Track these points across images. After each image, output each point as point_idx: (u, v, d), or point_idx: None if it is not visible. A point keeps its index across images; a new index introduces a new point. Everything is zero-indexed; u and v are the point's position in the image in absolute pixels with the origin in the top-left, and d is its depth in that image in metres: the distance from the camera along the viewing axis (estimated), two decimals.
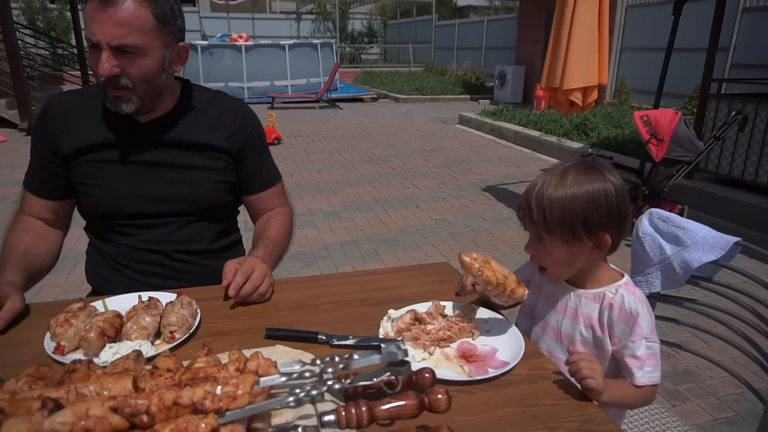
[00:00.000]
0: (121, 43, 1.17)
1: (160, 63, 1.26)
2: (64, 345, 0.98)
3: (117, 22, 1.16)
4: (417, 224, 4.55)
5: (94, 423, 0.60)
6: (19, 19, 17.57)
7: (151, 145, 1.36)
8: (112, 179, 1.34)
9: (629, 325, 1.07)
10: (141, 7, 1.18)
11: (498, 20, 15.97)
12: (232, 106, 1.46)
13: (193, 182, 1.39)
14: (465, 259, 1.05)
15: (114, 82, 1.21)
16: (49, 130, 1.34)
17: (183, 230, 1.41)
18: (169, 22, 1.24)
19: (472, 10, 28.17)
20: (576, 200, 1.04)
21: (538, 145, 7.41)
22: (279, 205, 1.55)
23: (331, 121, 10.40)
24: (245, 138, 1.44)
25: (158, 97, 1.32)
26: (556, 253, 1.09)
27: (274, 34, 18.34)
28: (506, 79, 12.41)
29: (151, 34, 1.21)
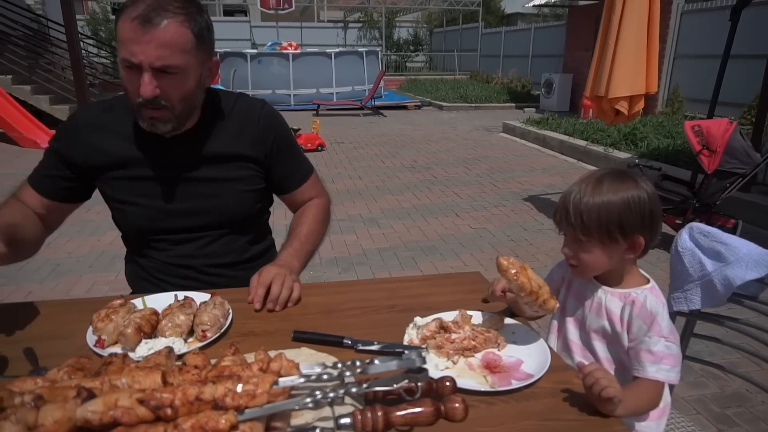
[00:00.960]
0: (165, 64, 1.16)
1: (197, 80, 1.25)
2: (104, 339, 1.04)
3: (160, 44, 1.14)
4: (456, 233, 4.52)
5: (122, 413, 0.64)
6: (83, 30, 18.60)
7: (177, 160, 1.35)
8: (141, 196, 1.35)
9: (647, 323, 1.10)
10: (182, 26, 1.16)
11: (546, 28, 15.71)
12: (254, 110, 1.43)
13: (221, 195, 1.39)
14: (502, 262, 1.07)
15: (153, 103, 1.20)
16: (75, 143, 1.33)
17: (214, 244, 1.43)
18: (206, 38, 1.24)
19: (519, 18, 27.84)
20: (612, 205, 1.09)
21: (583, 154, 7.24)
22: (315, 196, 1.57)
23: (374, 128, 10.48)
24: (271, 141, 1.43)
25: (193, 113, 1.32)
26: (593, 253, 1.12)
27: (321, 42, 18.68)
28: (553, 87, 12.19)
29: (191, 54, 1.20)
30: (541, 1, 13.64)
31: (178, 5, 1.17)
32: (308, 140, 7.88)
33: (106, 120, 1.35)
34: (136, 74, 1.17)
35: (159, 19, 1.13)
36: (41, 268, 3.65)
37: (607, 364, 1.19)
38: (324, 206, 1.57)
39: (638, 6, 4.27)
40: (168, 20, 1.14)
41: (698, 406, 2.28)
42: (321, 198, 1.58)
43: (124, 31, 1.15)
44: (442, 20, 25.68)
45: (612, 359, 1.18)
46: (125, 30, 1.14)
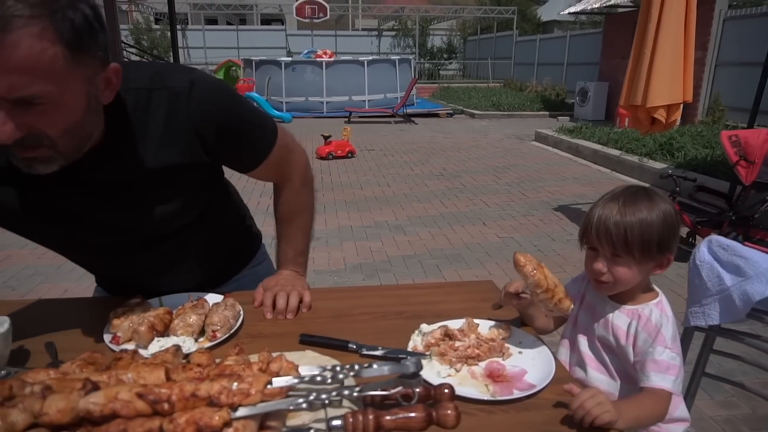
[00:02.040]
0: (23, 95, 0.80)
1: (83, 107, 0.89)
2: (119, 336, 1.08)
3: (10, 69, 0.77)
4: (482, 241, 4.49)
5: (121, 406, 0.67)
6: (127, 39, 19.30)
7: (81, 192, 1.04)
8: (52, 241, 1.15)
9: (652, 336, 1.10)
10: (42, 39, 0.78)
11: (581, 35, 15.50)
12: (180, 101, 1.02)
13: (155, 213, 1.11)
14: (519, 258, 1.07)
15: (22, 144, 0.85)
16: None
17: (174, 252, 1.24)
18: (86, 44, 0.84)
19: (556, 25, 27.51)
20: (653, 223, 1.10)
21: (617, 164, 7.09)
22: (285, 168, 1.27)
23: (405, 135, 10.52)
24: (213, 134, 1.06)
25: (86, 141, 0.95)
26: (629, 269, 1.12)
27: (355, 50, 18.90)
28: (588, 95, 11.99)
29: (63, 73, 0.82)
30: (576, 9, 13.45)
31: (25, 4, 0.76)
32: (339, 147, 7.96)
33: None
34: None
35: (2, 33, 0.75)
36: (76, 267, 3.79)
37: (618, 376, 1.18)
38: (298, 184, 1.30)
39: (676, 13, 4.18)
40: (15, 34, 0.75)
41: (727, 427, 2.20)
42: (294, 171, 1.29)
43: None
44: (476, 28, 25.62)
45: (619, 371, 1.18)
46: None
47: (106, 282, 1.40)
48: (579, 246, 1.21)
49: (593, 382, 1.20)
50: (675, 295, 3.08)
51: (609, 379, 1.19)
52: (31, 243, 1.20)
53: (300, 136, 9.39)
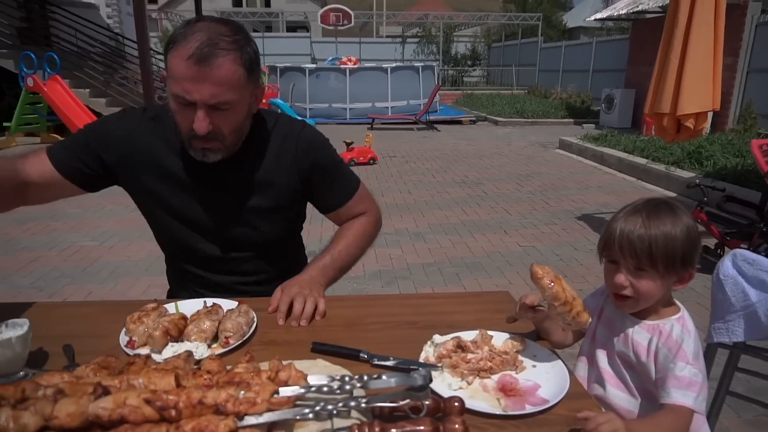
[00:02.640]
0: (219, 101, 1.18)
1: (246, 110, 1.28)
2: (135, 340, 1.09)
3: (215, 83, 1.16)
4: (503, 250, 4.44)
5: (129, 411, 0.68)
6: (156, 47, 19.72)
7: (218, 185, 1.37)
8: (177, 213, 1.38)
9: (673, 351, 1.07)
10: (234, 63, 1.18)
11: (608, 41, 15.29)
12: (292, 134, 1.41)
13: (256, 223, 1.41)
14: (537, 270, 1.05)
15: (205, 137, 1.22)
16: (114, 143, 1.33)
17: (244, 265, 1.46)
18: (254, 69, 1.25)
19: (582, 32, 27.24)
20: (676, 237, 1.08)
21: (643, 173, 6.95)
22: (361, 212, 1.53)
23: (427, 142, 10.50)
24: (309, 165, 1.41)
25: (240, 141, 1.33)
26: (650, 284, 1.10)
27: (378, 57, 18.98)
28: (614, 102, 11.81)
29: (242, 88, 1.22)
30: (603, 15, 13.29)
31: (229, 40, 1.17)
32: (360, 153, 7.99)
33: (152, 128, 1.36)
34: (189, 110, 1.19)
35: (213, 58, 1.14)
36: (102, 270, 3.89)
37: (638, 393, 1.15)
38: (369, 222, 1.54)
39: (705, 19, 4.08)
40: (221, 58, 1.15)
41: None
42: (368, 214, 1.55)
43: (178, 69, 1.15)
44: (500, 35, 25.51)
45: (639, 389, 1.14)
46: (179, 67, 1.15)
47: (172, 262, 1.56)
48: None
49: (612, 399, 1.17)
50: (702, 308, 2.99)
51: (629, 396, 1.16)
52: (58, 245, 1.28)
53: None
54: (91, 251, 4.24)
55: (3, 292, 3.51)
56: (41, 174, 1.31)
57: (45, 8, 11.95)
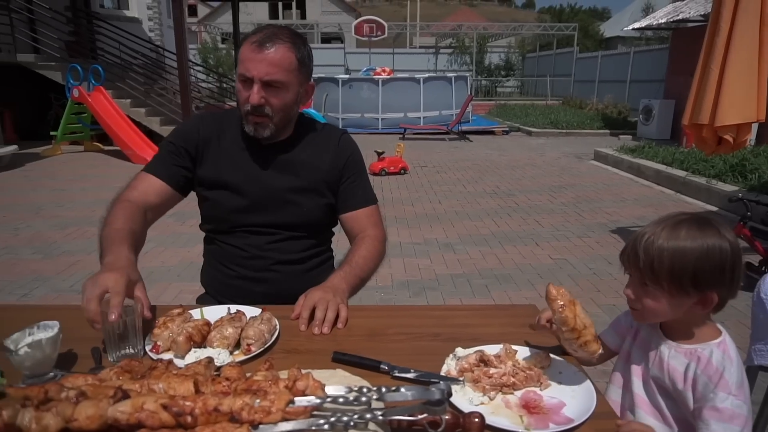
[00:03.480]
0: (272, 78, 1.41)
1: (295, 97, 1.49)
2: (159, 345, 1.11)
3: (270, 62, 1.40)
4: (534, 262, 4.36)
5: (146, 416, 0.68)
6: (194, 58, 20.31)
7: (268, 164, 1.56)
8: (233, 187, 1.54)
9: (713, 380, 1.00)
10: (289, 51, 1.42)
11: (646, 51, 14.97)
12: (336, 134, 1.66)
13: (299, 200, 1.57)
14: (551, 291, 1.04)
15: (258, 111, 1.43)
16: (191, 138, 1.55)
17: (283, 243, 1.58)
18: (306, 64, 1.48)
19: (620, 41, 26.77)
20: (688, 254, 1.00)
21: (682, 186, 6.73)
22: (372, 226, 1.63)
23: (458, 152, 10.45)
24: (345, 160, 1.62)
25: (288, 125, 1.55)
26: (657, 301, 1.04)
27: (412, 68, 19.04)
28: (652, 113, 11.52)
29: (293, 73, 1.44)
30: (642, 24, 13.02)
31: (287, 36, 1.44)
32: (391, 163, 8.00)
33: (219, 122, 1.59)
34: (248, 86, 1.42)
35: (271, 44, 1.40)
36: None
37: (675, 422, 1.09)
38: (379, 240, 1.62)
39: (749, 27, 3.95)
40: (278, 45, 1.41)
41: None
42: (377, 235, 1.63)
43: (244, 52, 1.41)
44: (535, 45, 25.29)
45: (677, 418, 1.08)
46: (245, 51, 1.41)
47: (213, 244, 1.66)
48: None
49: None
50: (744, 327, 2.86)
51: (664, 425, 1.09)
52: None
53: None
54: None
55: (44, 294, 3.64)
56: (159, 195, 1.51)
57: (92, 23, 12.46)
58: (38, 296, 3.59)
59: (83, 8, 12.76)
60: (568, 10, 37.36)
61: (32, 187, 6.97)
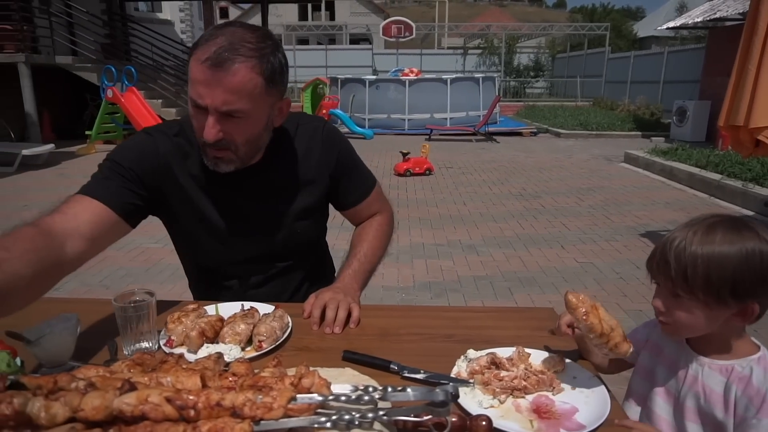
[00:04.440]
0: (231, 109, 1.13)
1: (264, 123, 1.23)
2: (173, 339, 1.12)
3: (228, 89, 1.10)
4: (559, 265, 4.29)
5: (150, 408, 0.69)
6: None
7: (243, 193, 1.34)
8: (206, 228, 1.34)
9: (754, 403, 0.91)
10: (252, 71, 1.12)
11: (681, 51, 14.58)
12: (317, 132, 1.41)
13: (290, 225, 1.39)
14: (571, 300, 0.98)
15: (216, 145, 1.18)
16: (155, 166, 1.27)
17: (282, 276, 1.45)
18: (277, 81, 1.18)
19: (654, 41, 26.16)
20: (726, 260, 0.91)
21: (716, 189, 6.53)
22: (377, 211, 1.57)
23: (485, 154, 10.36)
24: (335, 160, 1.43)
25: (256, 153, 1.30)
26: (691, 313, 0.96)
27: (439, 69, 18.96)
28: (686, 115, 11.20)
29: (259, 98, 1.16)
30: (676, 23, 12.68)
31: (251, 46, 1.12)
32: (416, 164, 7.99)
33: (179, 145, 1.31)
34: (202, 115, 1.15)
35: (228, 63, 1.09)
36: (163, 271, 4.08)
37: None
38: (385, 221, 1.56)
39: None
40: (238, 64, 1.10)
41: None
42: (383, 213, 1.57)
43: (195, 71, 1.12)
44: (566, 45, 24.90)
45: None
46: (195, 70, 1.11)
47: (202, 283, 1.51)
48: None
49: None
50: None
51: None
52: (126, 246, 1.33)
53: (379, 152, 9.44)
54: (154, 253, 4.46)
55: (74, 288, 3.75)
56: (95, 221, 1.16)
57: (126, 25, 12.81)
58: (68, 290, 3.70)
59: (118, 11, 13.13)
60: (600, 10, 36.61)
61: (68, 185, 7.19)
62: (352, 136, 12.18)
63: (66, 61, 10.58)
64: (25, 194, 6.76)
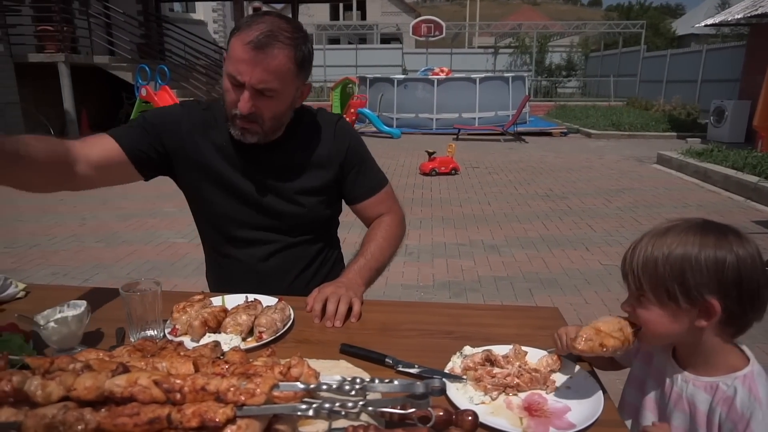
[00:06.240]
0: (265, 87, 1.27)
1: (289, 102, 1.37)
2: (177, 328, 1.16)
3: (265, 69, 1.25)
4: (582, 267, 4.21)
5: (139, 391, 0.72)
6: None
7: (264, 164, 1.45)
8: (224, 195, 1.44)
9: (738, 428, 0.88)
10: (287, 57, 1.27)
11: (720, 49, 14.10)
12: (331, 123, 1.53)
13: (300, 200, 1.48)
14: (573, 340, 0.96)
15: (246, 117, 1.31)
16: (177, 131, 1.41)
17: (288, 249, 1.51)
18: (305, 67, 1.34)
19: (693, 39, 25.39)
20: (673, 256, 0.91)
21: (753, 192, 6.30)
22: (386, 210, 1.59)
23: (513, 154, 10.25)
24: (344, 151, 1.51)
25: (279, 129, 1.43)
26: (651, 311, 0.95)
27: (470, 68, 18.82)
28: (725, 115, 10.84)
29: (289, 80, 1.31)
30: (716, 20, 12.27)
31: (287, 35, 1.27)
32: (442, 163, 7.96)
33: (206, 117, 1.45)
34: (238, 90, 1.29)
35: (269, 48, 1.24)
36: (188, 265, 4.18)
37: None
38: (395, 222, 1.58)
39: None
40: (277, 50, 1.25)
41: None
42: (393, 214, 1.60)
43: (236, 50, 1.25)
44: (600, 44, 24.39)
45: None
46: (237, 49, 1.25)
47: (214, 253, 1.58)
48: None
49: None
50: None
51: None
52: (153, 240, 1.40)
53: (406, 151, 9.44)
54: (180, 247, 4.58)
55: (102, 280, 3.88)
56: (104, 154, 1.32)
57: (161, 26, 13.14)
58: (97, 281, 3.83)
59: (154, 12, 13.47)
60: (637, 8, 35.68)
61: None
62: (379, 135, 12.21)
63: (103, 61, 10.93)
64: None
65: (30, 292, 1.42)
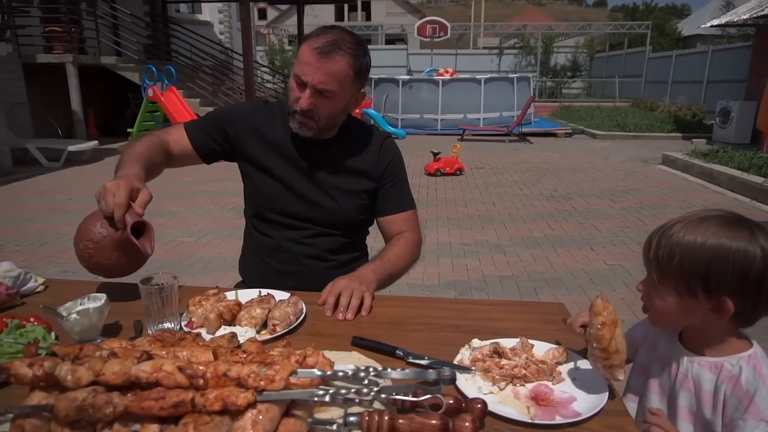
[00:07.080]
0: (325, 88, 1.42)
1: (344, 105, 1.52)
2: (194, 321, 1.20)
3: (327, 72, 1.41)
4: (587, 267, 4.23)
5: (164, 376, 0.75)
6: (262, 60, 20.96)
7: (312, 160, 1.60)
8: (275, 179, 1.60)
9: (743, 403, 0.91)
10: (347, 64, 1.43)
11: (725, 50, 14.06)
12: (380, 138, 1.68)
13: (338, 198, 1.60)
14: (597, 305, 0.96)
15: (305, 114, 1.47)
16: (240, 124, 1.61)
17: (317, 238, 1.62)
18: (362, 76, 1.50)
19: (699, 40, 25.31)
20: (702, 251, 0.92)
21: (759, 193, 6.30)
22: (408, 230, 1.67)
23: (517, 155, 10.26)
24: (386, 164, 1.64)
25: (332, 129, 1.59)
26: (664, 301, 0.98)
27: (475, 69, 18.82)
28: (730, 116, 10.83)
29: (346, 85, 1.46)
30: (721, 21, 12.26)
31: (350, 46, 1.43)
32: (447, 164, 7.98)
33: (271, 111, 1.64)
34: (301, 88, 1.45)
35: (332, 54, 1.40)
36: (195, 263, 4.22)
37: None
38: (414, 242, 1.65)
39: None
40: (339, 57, 1.41)
41: None
42: (413, 234, 1.67)
43: (304, 54, 1.42)
44: (605, 45, 24.35)
45: None
46: (306, 53, 1.42)
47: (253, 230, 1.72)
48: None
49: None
50: None
51: None
52: (161, 239, 1.47)
53: (411, 151, 9.45)
54: (188, 246, 4.62)
55: None
56: (180, 147, 1.60)
57: (168, 27, 13.22)
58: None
59: (160, 13, 13.55)
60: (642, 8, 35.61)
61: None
62: None
63: (110, 62, 11.01)
64: (71, 188, 7.08)
65: (48, 286, 1.46)
